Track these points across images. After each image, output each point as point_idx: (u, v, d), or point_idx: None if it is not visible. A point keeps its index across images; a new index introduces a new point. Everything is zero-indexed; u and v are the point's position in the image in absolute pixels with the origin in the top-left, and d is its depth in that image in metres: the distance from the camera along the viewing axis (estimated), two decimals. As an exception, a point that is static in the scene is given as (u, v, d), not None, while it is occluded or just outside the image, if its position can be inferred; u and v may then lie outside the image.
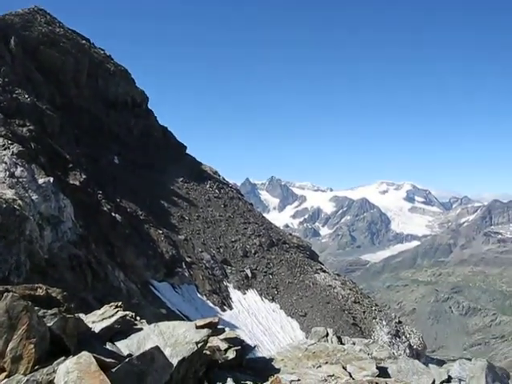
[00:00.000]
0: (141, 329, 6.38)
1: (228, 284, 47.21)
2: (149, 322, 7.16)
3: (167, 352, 5.55)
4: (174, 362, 5.48)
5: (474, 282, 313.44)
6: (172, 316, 30.63)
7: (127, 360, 4.82)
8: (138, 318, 7.68)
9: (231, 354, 8.31)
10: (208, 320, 8.25)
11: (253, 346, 9.98)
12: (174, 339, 5.84)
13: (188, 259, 44.70)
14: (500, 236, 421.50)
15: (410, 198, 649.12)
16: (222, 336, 8.66)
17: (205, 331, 6.15)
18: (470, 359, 10.41)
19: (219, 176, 64.59)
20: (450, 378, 9.04)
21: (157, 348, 5.14)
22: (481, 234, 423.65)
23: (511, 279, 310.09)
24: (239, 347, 8.67)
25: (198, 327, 6.36)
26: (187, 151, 65.43)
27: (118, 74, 59.27)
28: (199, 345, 5.87)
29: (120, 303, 7.19)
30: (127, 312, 7.00)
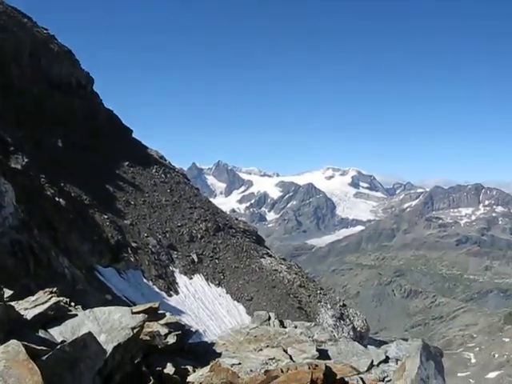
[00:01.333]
0: (75, 315, 6.21)
1: (174, 269, 46.96)
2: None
3: (102, 338, 5.41)
4: (109, 347, 5.35)
5: (416, 266, 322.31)
6: (118, 302, 30.20)
7: (58, 347, 4.66)
8: (72, 303, 7.50)
9: (171, 339, 8.21)
10: (148, 305, 8.12)
11: (195, 330, 9.89)
12: (109, 325, 5.70)
13: (134, 244, 44.21)
14: (441, 221, 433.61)
15: (355, 184, 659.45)
16: (162, 321, 8.55)
17: (141, 316, 6.02)
18: (406, 340, 10.67)
19: (165, 160, 63.92)
20: (387, 359, 9.20)
21: (89, 334, 4.99)
22: (423, 219, 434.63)
23: (451, 263, 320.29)
24: (180, 332, 8.57)
25: (134, 312, 6.22)
26: (133, 135, 64.41)
27: (61, 54, 57.50)
28: (135, 330, 5.74)
29: (55, 289, 6.97)
30: (61, 298, 6.81)
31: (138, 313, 6.27)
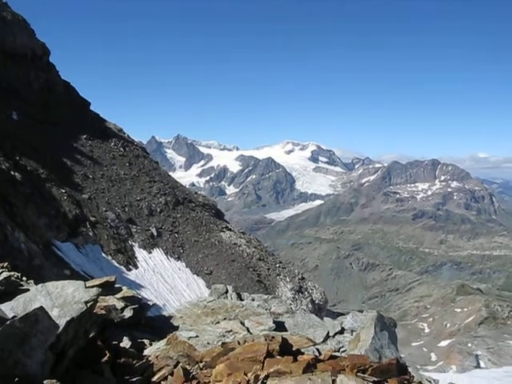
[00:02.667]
0: (27, 290, 6.10)
1: (133, 243, 46.65)
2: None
3: (55, 313, 5.33)
4: (62, 322, 5.27)
5: (373, 240, 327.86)
6: (76, 277, 29.87)
7: (8, 322, 4.58)
8: (24, 278, 7.37)
9: (128, 313, 8.18)
10: (104, 279, 8.05)
11: (152, 304, 9.85)
12: (62, 299, 5.62)
13: (92, 219, 43.66)
14: (398, 196, 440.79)
15: (314, 158, 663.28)
16: (118, 295, 8.50)
17: (94, 290, 5.95)
18: (361, 311, 10.88)
19: (124, 134, 62.96)
20: (343, 330, 9.36)
21: (41, 309, 4.91)
22: (380, 194, 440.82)
23: (407, 237, 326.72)
24: (137, 306, 8.54)
25: (88, 286, 6.15)
26: (91, 107, 63.11)
27: (15, 23, 55.65)
28: (89, 304, 5.68)
29: (6, 264, 6.84)
30: (12, 273, 6.68)
31: (93, 287, 6.19)
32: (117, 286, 9.01)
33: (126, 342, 7.59)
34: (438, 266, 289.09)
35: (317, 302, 54.23)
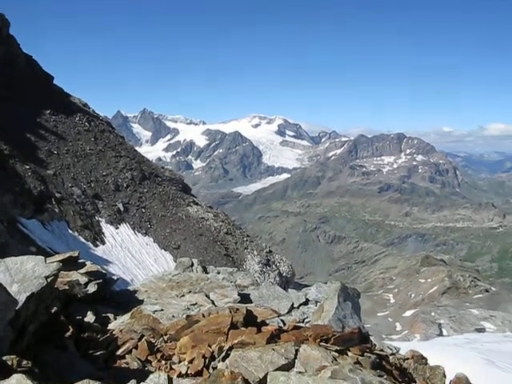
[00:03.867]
0: (-14, 266, 6.01)
1: (100, 219, 46.31)
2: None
3: (14, 288, 5.27)
4: (22, 298, 5.22)
5: (340, 213, 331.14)
6: (42, 254, 29.45)
7: (-36, 298, 4.52)
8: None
9: (92, 288, 8.14)
10: (67, 254, 7.98)
11: (116, 278, 9.83)
12: (21, 275, 5.55)
13: (58, 195, 43.10)
14: (364, 169, 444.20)
15: (281, 132, 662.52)
16: (82, 270, 8.44)
17: (55, 265, 5.89)
18: (327, 283, 11.01)
19: (89, 108, 61.92)
20: (307, 301, 9.48)
21: (-2, 284, 4.84)
22: (347, 167, 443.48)
23: (373, 209, 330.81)
24: (101, 281, 8.50)
25: (49, 262, 6.09)
26: (54, 82, 61.72)
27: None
28: (49, 279, 5.62)
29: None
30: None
31: (53, 262, 6.13)
32: (81, 261, 8.95)
33: (90, 317, 7.57)
34: (403, 238, 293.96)
35: (284, 274, 54.77)
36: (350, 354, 6.19)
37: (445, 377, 6.79)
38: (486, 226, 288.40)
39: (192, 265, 11.82)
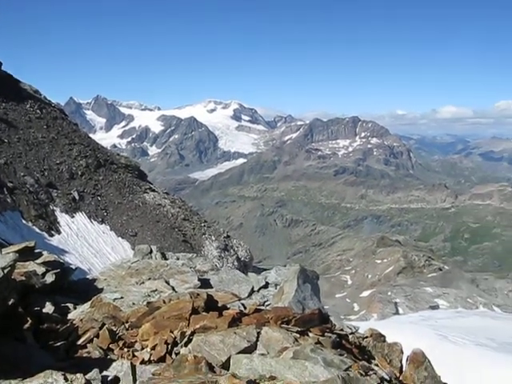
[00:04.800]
0: None
1: (55, 208, 45.50)
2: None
3: (-31, 280, 5.17)
4: (-22, 290, 5.14)
5: (297, 196, 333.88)
6: (-6, 244, 28.94)
7: None
8: None
9: (50, 278, 8.03)
10: (23, 244, 7.86)
11: (75, 268, 9.73)
12: (-23, 266, 5.44)
13: (10, 184, 42.12)
14: (320, 153, 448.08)
15: (236, 117, 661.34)
16: (39, 260, 8.32)
17: (11, 256, 5.79)
18: (285, 266, 11.14)
19: (40, 95, 60.45)
20: (267, 284, 9.59)
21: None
22: (303, 151, 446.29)
23: (329, 192, 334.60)
24: (58, 270, 8.39)
25: (5, 252, 5.99)
26: (3, 68, 60.03)
27: None
28: (5, 270, 5.52)
29: None
30: None
31: (9, 253, 6.02)
32: (37, 251, 8.82)
33: (48, 308, 7.47)
34: (359, 220, 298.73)
35: (242, 259, 54.98)
36: (310, 334, 6.30)
37: (402, 353, 6.97)
38: (438, 206, 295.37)
39: (151, 251, 11.78)
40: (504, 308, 63.88)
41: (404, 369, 6.76)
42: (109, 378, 5.16)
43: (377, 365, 6.59)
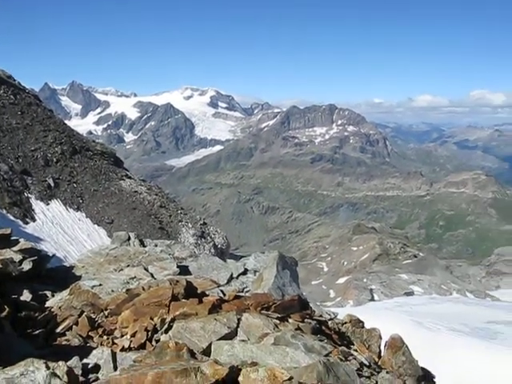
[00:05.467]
0: None
1: (29, 195, 44.96)
2: None
3: None
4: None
5: (273, 183, 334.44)
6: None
7: None
8: None
9: (27, 265, 7.96)
10: (-1, 232, 7.75)
11: (52, 255, 9.64)
12: (-46, 253, 5.38)
13: (-18, 171, 41.58)
14: (297, 140, 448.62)
15: (213, 104, 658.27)
16: (15, 248, 8.23)
17: (-12, 243, 5.74)
18: (263, 253, 11.16)
19: (14, 81, 59.52)
20: (246, 271, 9.61)
21: None
22: (280, 139, 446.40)
23: (306, 180, 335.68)
24: (36, 258, 8.31)
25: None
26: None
27: None
28: (-17, 258, 5.48)
29: None
30: None
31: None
32: (13, 238, 8.72)
33: (26, 296, 7.41)
34: (335, 208, 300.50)
35: (219, 246, 54.99)
36: (290, 320, 6.34)
37: (381, 338, 7.06)
38: (414, 194, 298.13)
39: (129, 238, 11.71)
40: (477, 294, 64.96)
41: (382, 354, 6.85)
42: (89, 366, 5.15)
43: (356, 350, 6.67)
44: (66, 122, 67.20)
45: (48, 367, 4.34)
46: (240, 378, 4.36)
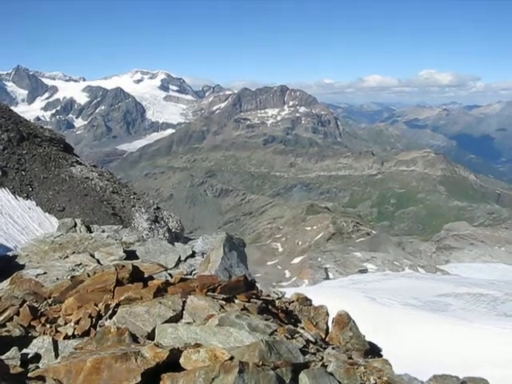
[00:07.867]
0: None
1: (-25, 184, 43.81)
2: None
3: None
4: None
5: (226, 166, 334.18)
6: None
7: None
8: None
9: (-34, 255, 7.75)
10: None
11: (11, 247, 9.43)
12: None
13: None
14: (249, 122, 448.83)
15: (164, 87, 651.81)
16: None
17: None
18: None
19: (-47, 66, 57.69)
20: (194, 253, 9.58)
21: None
22: (231, 121, 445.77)
23: (259, 161, 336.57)
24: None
25: None
26: None
27: None
28: None
29: None
30: None
31: None
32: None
33: (-35, 287, 7.23)
34: (288, 189, 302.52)
35: (173, 230, 54.71)
36: (236, 301, 6.35)
37: (328, 315, 7.15)
38: (365, 173, 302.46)
39: (75, 225, 11.51)
40: (428, 269, 66.68)
41: (330, 330, 6.93)
42: (29, 356, 5.04)
43: (303, 328, 6.73)
44: (12, 108, 65.48)
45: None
46: (181, 360, 4.34)
